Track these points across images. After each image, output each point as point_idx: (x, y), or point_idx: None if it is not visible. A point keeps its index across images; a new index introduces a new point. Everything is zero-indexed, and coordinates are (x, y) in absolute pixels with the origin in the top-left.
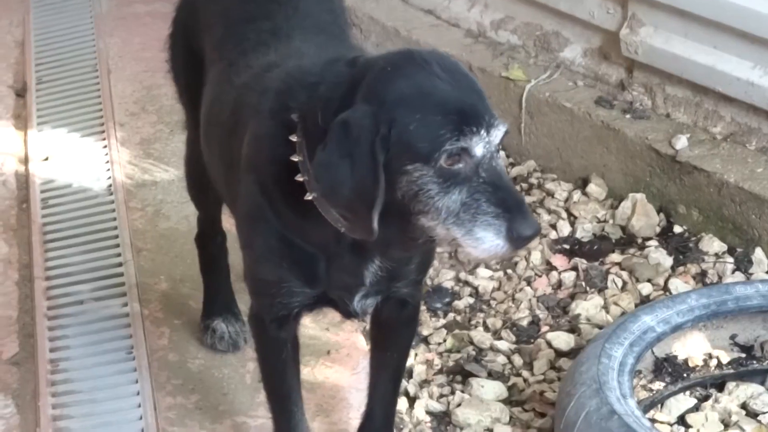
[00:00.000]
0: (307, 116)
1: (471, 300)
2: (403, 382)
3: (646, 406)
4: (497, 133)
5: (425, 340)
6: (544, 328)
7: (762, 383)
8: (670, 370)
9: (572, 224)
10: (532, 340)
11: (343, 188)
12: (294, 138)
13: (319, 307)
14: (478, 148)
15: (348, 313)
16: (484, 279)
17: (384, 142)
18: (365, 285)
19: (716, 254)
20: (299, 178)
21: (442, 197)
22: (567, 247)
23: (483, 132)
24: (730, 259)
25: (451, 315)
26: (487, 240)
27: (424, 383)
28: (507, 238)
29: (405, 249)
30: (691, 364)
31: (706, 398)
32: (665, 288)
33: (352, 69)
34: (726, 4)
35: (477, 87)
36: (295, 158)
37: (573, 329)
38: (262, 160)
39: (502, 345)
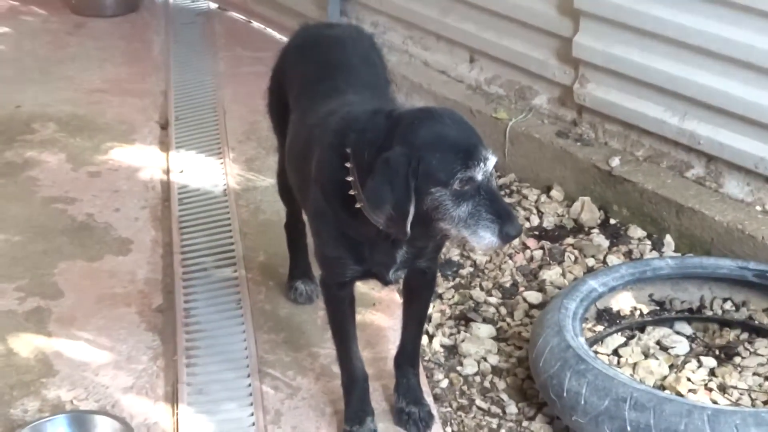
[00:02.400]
0: (356, 150)
1: (471, 269)
2: (425, 325)
3: (591, 342)
4: (491, 163)
5: (440, 296)
6: (522, 289)
7: (670, 327)
8: (608, 317)
9: (540, 217)
10: (513, 297)
11: (386, 205)
12: (348, 164)
13: (366, 278)
14: (479, 175)
15: (385, 282)
16: (480, 254)
17: (414, 173)
18: (396, 263)
19: (639, 239)
20: (352, 192)
21: (455, 209)
22: (537, 233)
23: (482, 164)
24: (648, 242)
25: (457, 279)
26: (486, 238)
27: (439, 326)
28: (499, 236)
29: (425, 242)
30: (622, 314)
31: (632, 337)
32: (604, 262)
33: (388, 120)
34: (647, 67)
35: (475, 132)
36: (348, 179)
37: (541, 289)
38: (325, 178)
39: (493, 300)
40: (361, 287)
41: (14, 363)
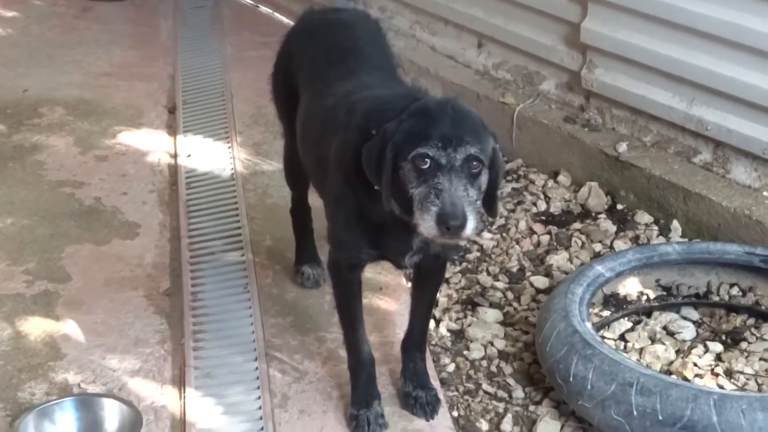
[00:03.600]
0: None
1: (478, 254)
2: (433, 310)
3: (598, 327)
4: (462, 152)
5: (447, 281)
6: (528, 274)
7: (677, 312)
8: (614, 302)
9: (547, 203)
10: (520, 282)
11: (371, 169)
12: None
13: (378, 261)
14: (441, 158)
15: (400, 266)
16: (486, 240)
17: (394, 145)
18: (413, 249)
19: (646, 224)
20: None
21: (415, 187)
22: (544, 218)
23: (449, 149)
24: (656, 228)
25: (464, 264)
26: (426, 223)
27: (446, 310)
28: (437, 225)
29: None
30: (628, 299)
31: (638, 322)
32: (611, 247)
33: (408, 102)
34: (655, 53)
35: (468, 125)
36: None
37: (548, 274)
38: (347, 159)
39: (499, 285)
40: (367, 272)
41: (22, 346)
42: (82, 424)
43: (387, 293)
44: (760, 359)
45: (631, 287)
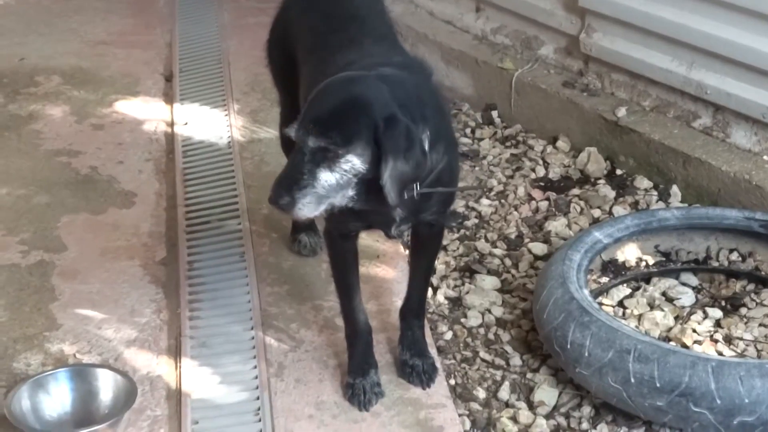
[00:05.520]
0: None
1: (476, 220)
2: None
3: (596, 294)
4: (312, 140)
5: (445, 248)
6: (527, 240)
7: (676, 278)
8: (613, 269)
9: (546, 168)
10: (518, 248)
11: None
12: None
13: (371, 229)
14: (298, 140)
15: (389, 236)
16: (485, 206)
17: None
18: (396, 220)
19: (645, 189)
20: None
21: None
22: (543, 184)
23: (301, 131)
24: (655, 193)
25: (462, 231)
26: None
27: (444, 277)
28: (268, 199)
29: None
30: (627, 265)
31: (637, 288)
32: (610, 212)
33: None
34: (654, 16)
35: (331, 112)
36: None
37: (546, 241)
38: None
39: (497, 251)
40: (365, 240)
41: (17, 317)
42: (77, 394)
43: (385, 261)
44: (760, 325)
45: (629, 253)
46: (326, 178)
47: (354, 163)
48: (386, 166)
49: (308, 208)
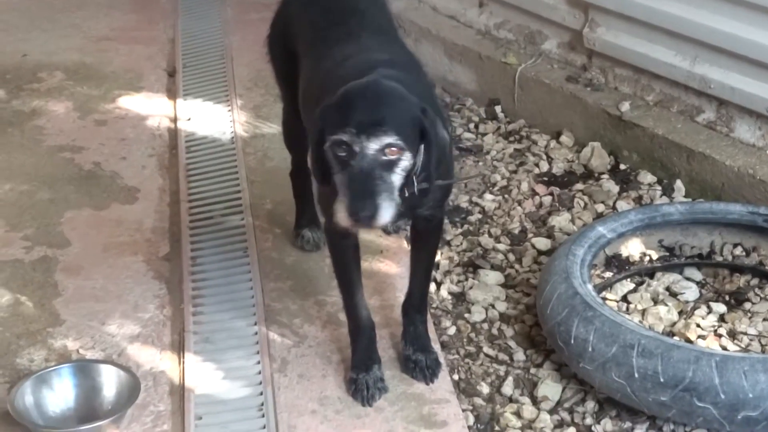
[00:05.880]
0: None
1: (479, 216)
2: (433, 272)
3: (600, 289)
4: (376, 141)
5: (448, 243)
6: (530, 235)
7: (680, 273)
8: (617, 264)
9: (550, 163)
10: (522, 243)
11: (312, 143)
12: None
13: None
14: (356, 146)
15: (387, 232)
16: (488, 201)
17: (320, 129)
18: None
19: (649, 184)
20: None
21: (336, 173)
22: (546, 179)
23: (363, 137)
24: (659, 188)
25: (465, 226)
26: (339, 212)
27: (447, 273)
28: (349, 215)
29: None
30: (631, 260)
31: (641, 283)
32: (613, 207)
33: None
34: (658, 10)
35: (387, 111)
36: None
37: (550, 236)
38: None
39: (501, 246)
40: (368, 235)
41: (21, 312)
42: (80, 390)
43: (388, 256)
44: (764, 320)
45: (633, 248)
46: (394, 179)
47: (410, 159)
48: (431, 155)
49: (389, 213)
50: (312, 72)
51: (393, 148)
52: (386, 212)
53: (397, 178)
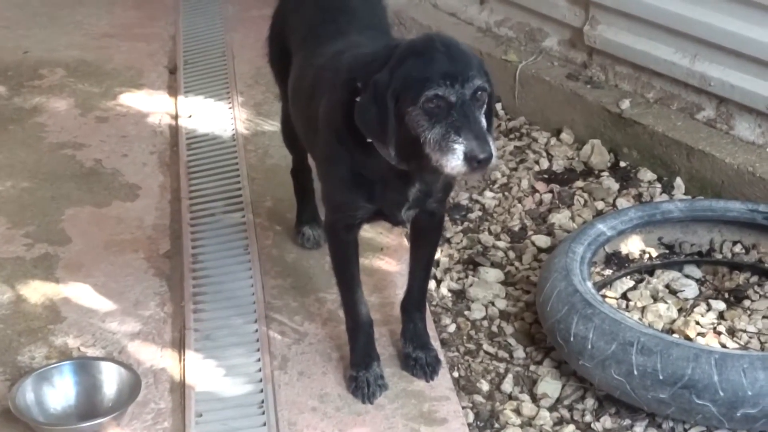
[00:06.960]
0: (365, 83)
1: (480, 213)
2: (432, 269)
3: (599, 286)
4: (470, 86)
5: (448, 240)
6: (530, 232)
7: (680, 270)
8: (616, 261)
9: (550, 160)
10: (522, 241)
11: (372, 124)
12: (358, 99)
13: (375, 220)
14: (451, 96)
15: (396, 222)
16: (488, 198)
17: (394, 93)
18: (409, 201)
19: (649, 182)
20: None
21: (429, 131)
22: (546, 176)
23: (457, 85)
24: (659, 185)
25: (466, 223)
26: (453, 162)
27: (447, 270)
28: (464, 160)
29: (431, 173)
30: (630, 257)
31: (641, 281)
32: (613, 205)
33: (389, 50)
34: (658, 8)
35: (465, 58)
36: None
37: (550, 233)
38: (337, 118)
39: (501, 244)
40: (368, 232)
41: (22, 310)
42: (81, 387)
43: (388, 254)
44: (763, 317)
45: (633, 245)
46: (484, 121)
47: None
48: (492, 100)
49: (496, 152)
50: (302, 70)
51: (480, 92)
52: (495, 152)
53: (484, 121)
